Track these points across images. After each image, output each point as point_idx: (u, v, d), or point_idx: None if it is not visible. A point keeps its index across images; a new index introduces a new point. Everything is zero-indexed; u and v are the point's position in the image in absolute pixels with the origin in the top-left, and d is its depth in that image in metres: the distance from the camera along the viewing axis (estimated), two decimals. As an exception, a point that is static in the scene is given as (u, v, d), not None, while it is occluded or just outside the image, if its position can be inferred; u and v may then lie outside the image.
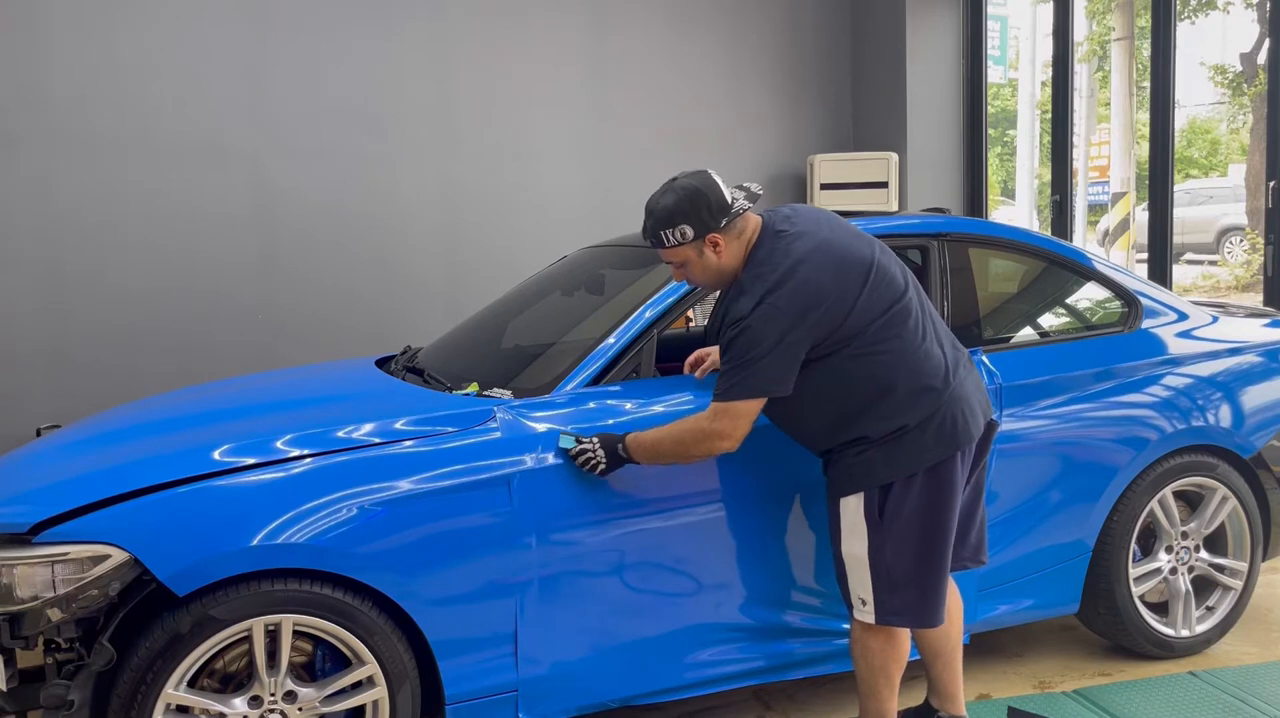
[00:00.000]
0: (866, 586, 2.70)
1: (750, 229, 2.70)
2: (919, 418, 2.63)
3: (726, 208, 2.65)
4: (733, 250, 2.68)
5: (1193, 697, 3.35)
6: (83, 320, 5.24)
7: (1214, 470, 3.60)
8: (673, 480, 2.89)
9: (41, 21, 5.10)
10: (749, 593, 3.01)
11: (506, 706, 2.78)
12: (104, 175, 5.25)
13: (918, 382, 2.64)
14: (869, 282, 2.63)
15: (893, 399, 2.63)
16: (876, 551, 2.67)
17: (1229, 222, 15.64)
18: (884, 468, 2.65)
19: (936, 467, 2.66)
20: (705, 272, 2.71)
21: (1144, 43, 13.72)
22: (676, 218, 2.65)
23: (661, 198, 2.69)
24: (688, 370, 3.14)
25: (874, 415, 2.64)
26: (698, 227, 2.64)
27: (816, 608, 3.09)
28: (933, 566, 2.70)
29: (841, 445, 2.70)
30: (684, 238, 2.65)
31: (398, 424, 2.78)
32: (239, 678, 2.59)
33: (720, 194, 2.66)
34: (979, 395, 2.78)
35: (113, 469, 2.63)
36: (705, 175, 2.69)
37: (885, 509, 2.66)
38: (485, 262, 6.03)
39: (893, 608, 2.68)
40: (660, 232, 2.68)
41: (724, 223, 2.64)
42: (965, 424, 2.68)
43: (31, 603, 2.41)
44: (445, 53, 5.95)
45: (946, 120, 6.62)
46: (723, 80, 6.64)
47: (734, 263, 2.69)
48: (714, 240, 2.66)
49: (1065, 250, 3.70)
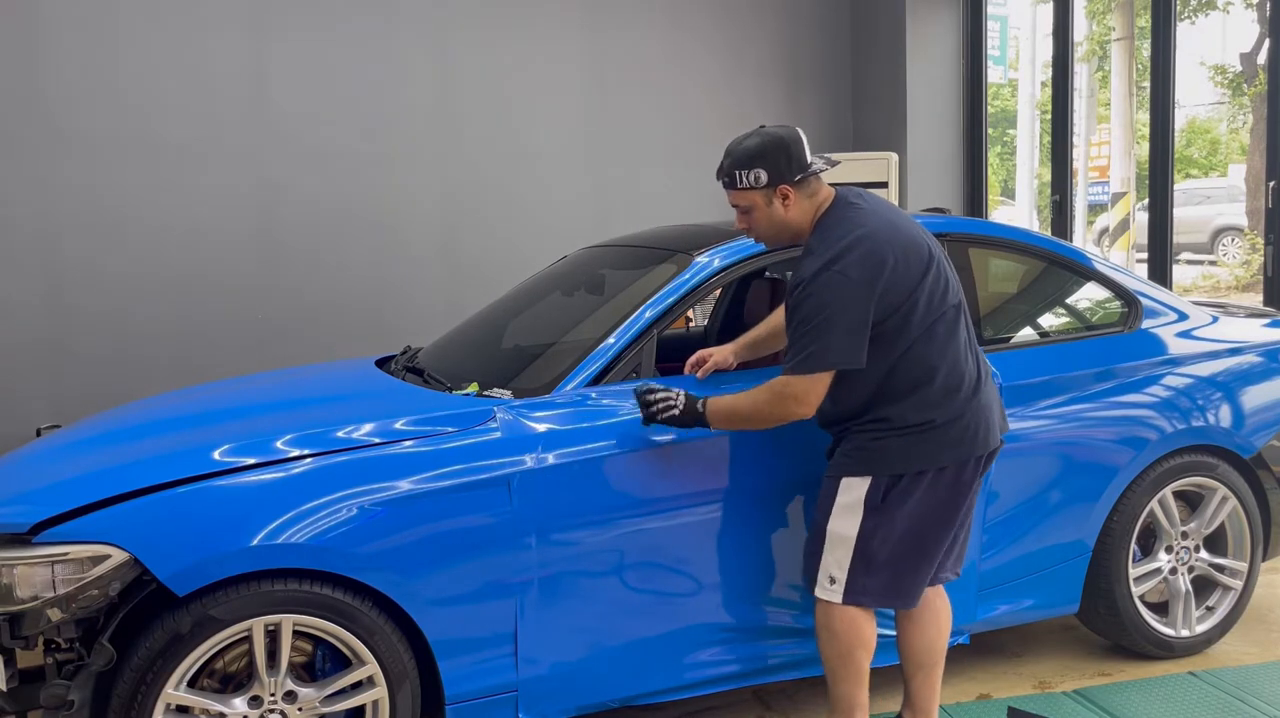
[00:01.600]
0: (844, 565, 2.69)
1: (823, 195, 2.74)
2: (947, 416, 2.66)
3: (805, 165, 2.69)
4: (802, 208, 2.72)
5: (1193, 697, 3.35)
6: (83, 321, 5.24)
7: (1214, 470, 3.60)
8: (673, 481, 2.89)
9: (42, 21, 5.10)
10: (749, 593, 3.01)
11: (506, 706, 2.78)
12: (104, 175, 5.25)
13: (954, 382, 2.68)
14: (930, 271, 2.67)
15: (928, 392, 2.66)
16: (866, 536, 2.67)
17: (1223, 222, 15.67)
18: (899, 458, 2.66)
19: (945, 470, 2.67)
20: (770, 222, 2.74)
21: (1144, 43, 13.72)
22: (755, 160, 2.68)
23: (745, 140, 2.73)
24: (688, 371, 3.14)
25: (906, 404, 2.66)
26: (773, 174, 2.68)
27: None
28: (917, 561, 2.72)
29: (862, 423, 2.71)
30: (757, 182, 2.69)
31: (398, 424, 2.78)
32: (239, 678, 2.59)
33: (801, 150, 2.70)
34: (999, 410, 2.83)
35: (113, 469, 2.63)
36: (793, 130, 2.74)
37: (887, 500, 2.66)
38: (485, 262, 6.03)
39: (863, 588, 2.69)
40: (736, 171, 2.71)
41: (798, 178, 2.68)
42: (986, 433, 2.72)
43: (31, 603, 2.41)
44: (445, 53, 5.95)
45: (946, 120, 6.62)
46: (722, 80, 6.64)
47: (800, 222, 2.73)
48: (785, 192, 2.69)
49: (1065, 250, 3.70)
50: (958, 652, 3.58)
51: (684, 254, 3.21)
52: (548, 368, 3.08)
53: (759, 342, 3.12)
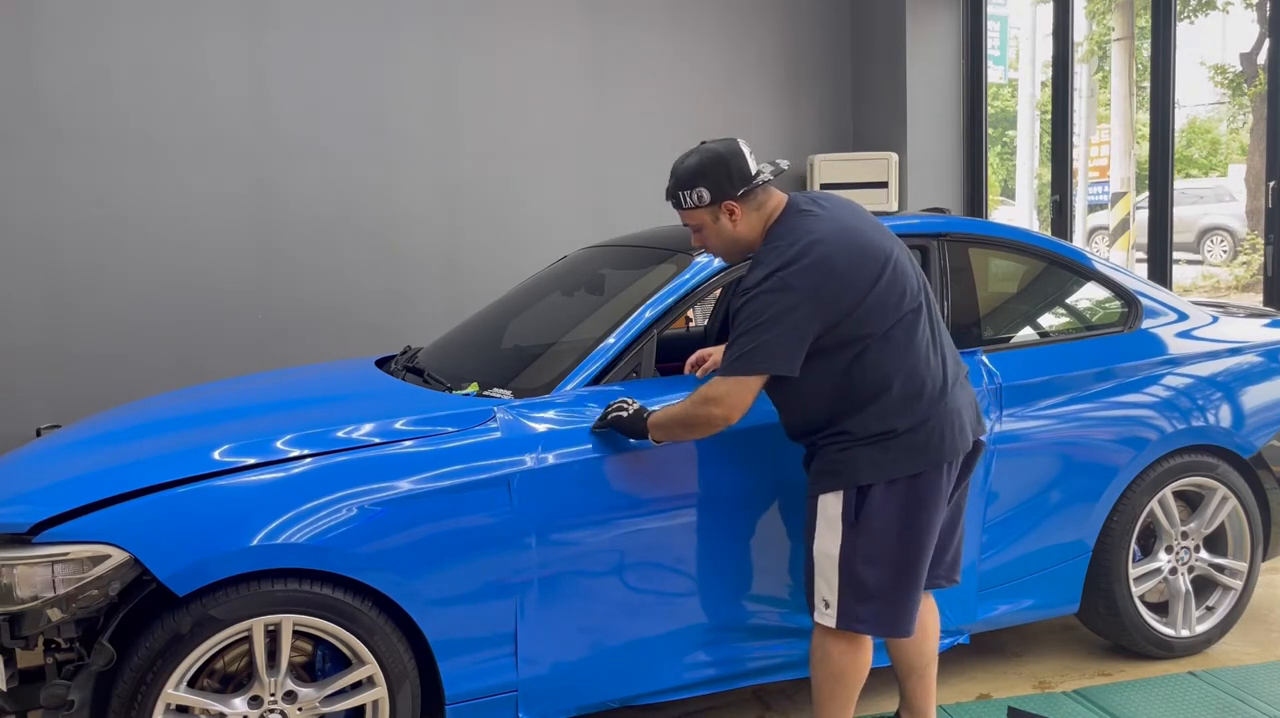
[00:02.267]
0: (833, 587, 2.65)
1: (772, 205, 2.70)
2: (908, 424, 2.61)
3: (748, 177, 2.66)
4: (750, 222, 2.69)
5: (1193, 697, 3.35)
6: (83, 320, 5.24)
7: (1214, 470, 3.60)
8: (674, 480, 2.89)
9: (41, 21, 5.10)
10: (749, 593, 3.01)
11: (506, 706, 2.78)
12: (104, 175, 5.25)
13: (914, 387, 2.62)
14: (884, 275, 2.61)
15: (887, 400, 2.61)
16: (848, 554, 2.63)
17: (1209, 222, 15.72)
18: (866, 469, 2.61)
19: (918, 477, 2.62)
20: (720, 238, 2.72)
21: (1144, 43, 13.72)
22: (696, 179, 2.66)
23: (686, 159, 2.71)
24: (688, 370, 3.14)
25: (866, 413, 2.61)
26: (715, 191, 2.65)
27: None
28: (904, 577, 2.65)
29: (826, 436, 2.67)
30: (700, 200, 2.66)
31: (398, 424, 2.78)
32: (239, 678, 2.59)
33: (743, 163, 2.66)
34: (971, 412, 2.76)
35: (113, 469, 2.63)
36: (732, 143, 2.69)
37: (862, 512, 2.62)
38: (485, 262, 6.03)
39: (857, 615, 2.64)
40: (679, 192, 2.70)
41: (742, 192, 2.65)
42: (953, 439, 2.66)
43: (31, 603, 2.41)
44: (445, 53, 5.95)
45: (946, 120, 6.62)
46: (723, 80, 6.64)
47: (751, 234, 2.69)
48: (730, 208, 2.66)
49: (1065, 250, 3.70)
50: (958, 652, 3.58)
51: (684, 254, 3.21)
52: (548, 368, 3.08)
53: None
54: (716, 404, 2.59)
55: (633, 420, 2.73)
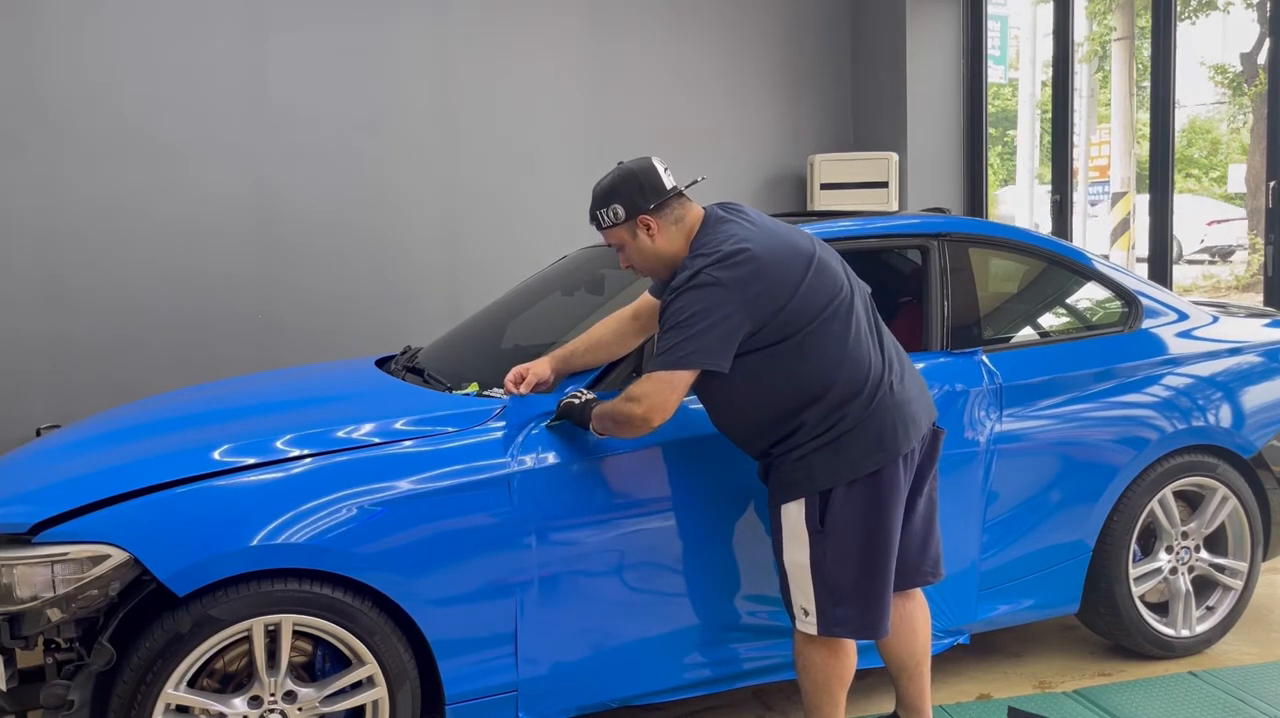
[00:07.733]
0: (809, 595, 2.65)
1: (692, 218, 2.71)
2: (854, 422, 2.60)
3: (661, 190, 2.68)
4: (670, 235, 2.69)
5: (1193, 697, 3.35)
6: (82, 321, 5.24)
7: (1214, 470, 3.60)
8: (674, 481, 2.89)
9: (41, 21, 5.10)
10: (749, 593, 3.01)
11: (506, 706, 2.78)
12: (104, 175, 5.25)
13: (855, 385, 2.61)
14: (810, 273, 2.61)
15: (829, 399, 2.60)
16: (818, 560, 2.63)
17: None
18: (823, 473, 2.60)
19: (876, 474, 2.61)
20: (642, 255, 2.73)
21: (1144, 43, 13.72)
22: (610, 197, 2.70)
23: (601, 180, 2.75)
24: (508, 389, 2.95)
25: (809, 415, 2.61)
26: (629, 207, 2.67)
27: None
28: (875, 575, 2.65)
29: (779, 448, 2.66)
30: (616, 218, 2.69)
31: (398, 424, 2.78)
32: (239, 678, 2.59)
33: (655, 178, 2.68)
34: (922, 402, 2.75)
35: (112, 469, 2.63)
36: (645, 160, 2.73)
37: (826, 517, 2.61)
38: (485, 262, 6.02)
39: (835, 619, 2.64)
40: (596, 212, 2.74)
41: (654, 204, 2.66)
42: (906, 431, 2.65)
43: (31, 603, 2.41)
44: (445, 53, 5.95)
45: (946, 120, 6.62)
46: (722, 81, 6.63)
47: (672, 249, 2.69)
48: (645, 222, 2.68)
49: (1065, 250, 3.70)
50: (958, 652, 3.58)
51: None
52: (548, 368, 3.07)
53: (575, 354, 2.96)
54: (637, 403, 2.56)
55: (581, 410, 2.74)
